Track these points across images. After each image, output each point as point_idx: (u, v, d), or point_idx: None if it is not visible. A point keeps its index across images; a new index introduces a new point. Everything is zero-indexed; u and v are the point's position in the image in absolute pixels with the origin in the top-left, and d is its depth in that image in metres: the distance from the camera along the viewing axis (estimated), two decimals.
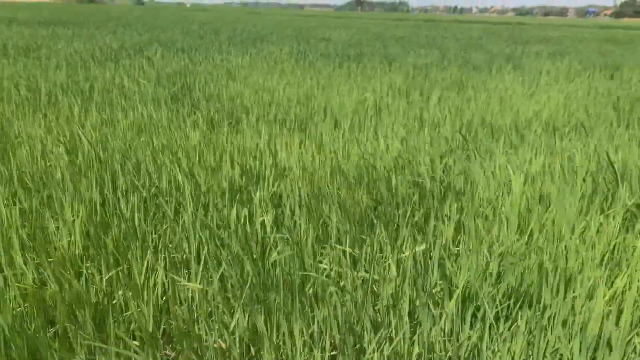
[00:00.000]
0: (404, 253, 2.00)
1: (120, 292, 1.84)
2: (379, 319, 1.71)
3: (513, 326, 1.66)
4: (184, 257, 2.10)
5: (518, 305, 1.81)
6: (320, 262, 2.06)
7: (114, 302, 1.83)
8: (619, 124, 4.56)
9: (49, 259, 1.97)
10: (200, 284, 1.85)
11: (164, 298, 1.88)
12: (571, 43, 16.48)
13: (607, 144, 3.76)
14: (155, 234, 2.24)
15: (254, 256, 1.99)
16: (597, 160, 3.28)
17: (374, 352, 1.58)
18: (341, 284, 1.90)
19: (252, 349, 1.69)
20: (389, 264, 1.95)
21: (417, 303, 1.74)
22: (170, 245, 2.14)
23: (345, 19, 39.55)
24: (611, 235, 2.22)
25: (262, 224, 2.32)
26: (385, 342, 1.61)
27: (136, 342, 1.66)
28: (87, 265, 1.99)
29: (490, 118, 4.60)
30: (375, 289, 1.86)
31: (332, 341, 1.65)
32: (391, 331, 1.65)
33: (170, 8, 69.82)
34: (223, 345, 1.65)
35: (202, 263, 1.92)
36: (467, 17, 77.09)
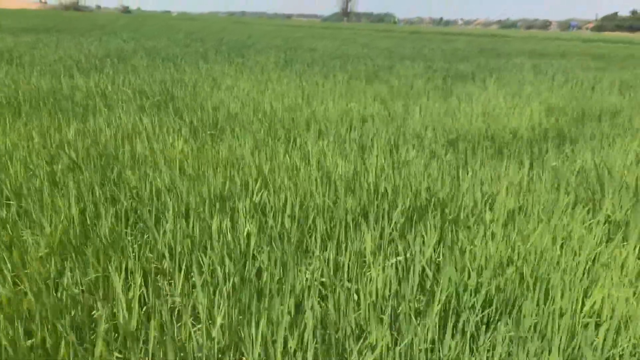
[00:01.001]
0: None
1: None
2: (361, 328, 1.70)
3: (492, 336, 1.66)
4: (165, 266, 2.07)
5: (498, 315, 1.81)
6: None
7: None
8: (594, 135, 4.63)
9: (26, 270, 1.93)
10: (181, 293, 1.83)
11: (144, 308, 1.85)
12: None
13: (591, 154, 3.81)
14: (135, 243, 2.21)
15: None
16: (579, 170, 3.32)
17: None
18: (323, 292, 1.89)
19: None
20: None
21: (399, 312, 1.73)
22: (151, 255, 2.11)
23: (332, 29, 39.74)
24: (592, 245, 2.24)
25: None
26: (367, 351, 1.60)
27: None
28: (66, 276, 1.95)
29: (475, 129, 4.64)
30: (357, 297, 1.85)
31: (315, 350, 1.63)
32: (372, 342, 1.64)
33: (156, 16, 69.68)
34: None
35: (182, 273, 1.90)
36: (452, 29, 77.98)
